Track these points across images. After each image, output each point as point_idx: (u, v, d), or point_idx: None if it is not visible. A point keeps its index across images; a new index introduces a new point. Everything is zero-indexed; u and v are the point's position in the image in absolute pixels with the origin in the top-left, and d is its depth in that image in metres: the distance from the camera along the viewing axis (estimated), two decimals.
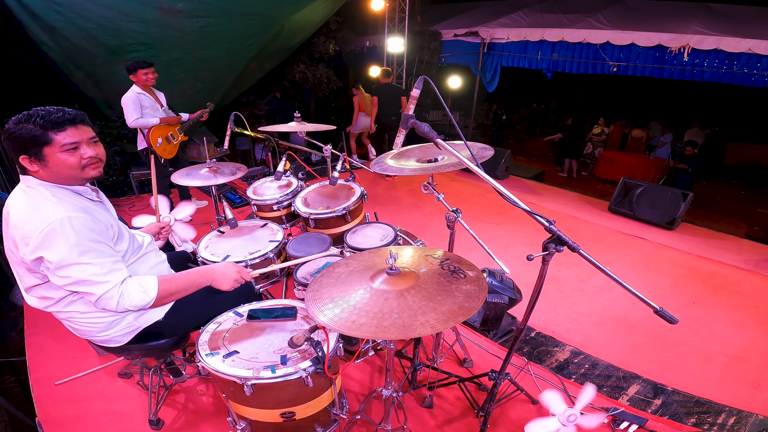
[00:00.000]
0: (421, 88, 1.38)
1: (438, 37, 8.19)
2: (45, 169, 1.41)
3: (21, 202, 1.41)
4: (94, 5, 4.36)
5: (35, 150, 1.37)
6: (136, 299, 1.45)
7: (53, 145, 1.38)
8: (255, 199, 2.96)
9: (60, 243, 1.34)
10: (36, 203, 1.38)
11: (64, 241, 1.34)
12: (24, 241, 1.35)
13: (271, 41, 6.18)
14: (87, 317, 1.55)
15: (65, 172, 1.43)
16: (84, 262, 1.37)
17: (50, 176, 1.43)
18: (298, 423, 1.54)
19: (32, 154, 1.38)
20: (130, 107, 4.08)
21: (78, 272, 1.37)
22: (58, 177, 1.44)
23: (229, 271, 1.63)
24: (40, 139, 1.36)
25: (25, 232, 1.34)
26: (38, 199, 1.39)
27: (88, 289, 1.40)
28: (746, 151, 9.21)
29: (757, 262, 4.24)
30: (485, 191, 5.80)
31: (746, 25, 5.34)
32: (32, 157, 1.38)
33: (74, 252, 1.35)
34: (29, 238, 1.34)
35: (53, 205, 1.37)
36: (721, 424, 2.31)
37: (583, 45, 6.39)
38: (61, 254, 1.34)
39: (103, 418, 2.11)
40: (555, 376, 2.45)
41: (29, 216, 1.36)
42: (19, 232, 1.36)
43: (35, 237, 1.33)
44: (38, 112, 1.37)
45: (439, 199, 1.88)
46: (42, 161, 1.39)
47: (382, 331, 1.19)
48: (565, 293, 3.59)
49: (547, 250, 1.27)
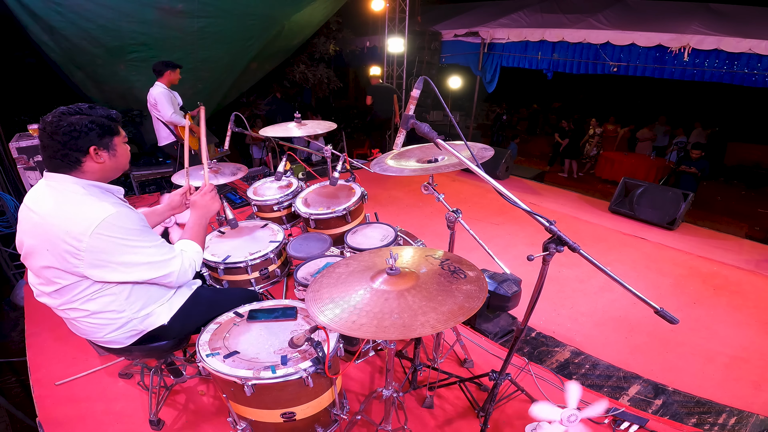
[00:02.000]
0: (422, 88, 1.38)
1: (438, 38, 8.20)
2: (112, 159, 1.46)
3: (55, 199, 1.38)
4: (94, 6, 4.37)
5: (107, 140, 1.42)
6: (198, 259, 1.65)
7: (120, 136, 1.47)
8: (255, 200, 2.96)
9: (120, 236, 1.38)
10: (76, 202, 1.38)
11: (123, 233, 1.39)
12: (76, 239, 1.33)
13: (272, 42, 6.19)
14: (95, 318, 1.53)
15: (124, 161, 1.52)
16: (149, 245, 1.46)
17: (110, 167, 1.47)
18: (298, 423, 1.54)
19: (103, 144, 1.41)
20: (165, 103, 4.17)
21: (148, 257, 1.45)
22: (116, 168, 1.50)
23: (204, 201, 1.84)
24: (114, 130, 1.44)
25: (79, 231, 1.33)
26: (75, 197, 1.39)
27: (165, 270, 1.50)
28: (747, 152, 9.21)
29: (757, 262, 4.23)
30: (485, 191, 5.80)
31: (747, 25, 5.33)
32: (101, 148, 1.41)
33: (139, 240, 1.43)
34: (83, 235, 1.33)
35: (96, 203, 1.39)
36: (722, 424, 2.31)
37: (584, 45, 6.38)
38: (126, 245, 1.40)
39: (103, 418, 2.11)
40: (555, 377, 2.45)
41: (75, 215, 1.35)
42: (65, 231, 1.33)
43: (90, 234, 1.33)
44: (97, 107, 1.43)
45: (439, 200, 1.88)
46: (110, 151, 1.44)
47: (382, 332, 1.19)
48: (565, 293, 3.58)
49: (548, 250, 1.27)
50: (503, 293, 2.88)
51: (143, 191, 5.63)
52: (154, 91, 4.17)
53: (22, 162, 4.34)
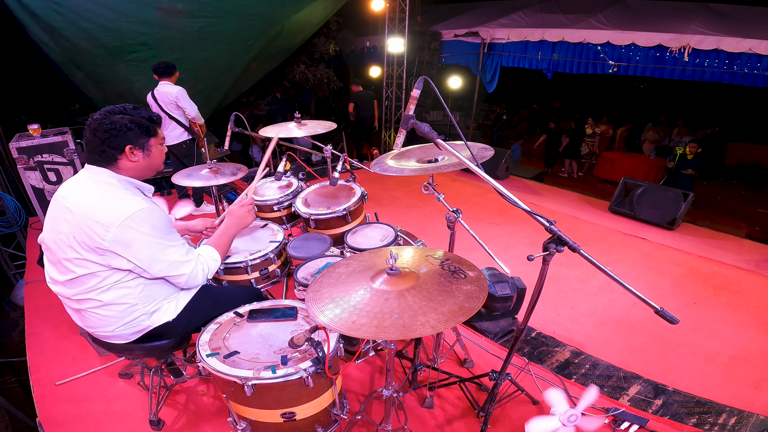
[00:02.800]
0: (422, 88, 1.37)
1: (438, 38, 8.19)
2: (146, 158, 1.52)
3: (90, 189, 1.46)
4: (94, 6, 4.37)
5: (144, 140, 1.49)
6: (212, 267, 1.68)
7: (157, 138, 1.54)
8: (255, 200, 2.96)
9: (149, 229, 1.44)
10: (112, 193, 1.45)
11: (151, 227, 1.44)
12: (105, 228, 1.39)
13: (272, 42, 6.18)
14: (107, 309, 1.54)
15: (157, 162, 1.58)
16: (171, 245, 1.52)
17: (144, 167, 1.54)
18: (298, 423, 1.54)
19: (139, 144, 1.48)
20: (189, 99, 4.22)
21: (168, 255, 1.51)
22: (150, 167, 1.56)
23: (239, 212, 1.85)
24: (151, 131, 1.51)
25: (109, 221, 1.39)
26: (111, 188, 1.46)
27: (179, 270, 1.54)
28: (747, 151, 9.21)
29: (757, 262, 4.23)
30: (485, 191, 5.80)
31: (746, 25, 5.33)
32: (137, 147, 1.48)
33: (163, 238, 1.48)
34: (112, 225, 1.39)
35: (131, 197, 1.46)
36: (722, 424, 2.31)
37: (584, 45, 6.38)
38: (151, 240, 1.45)
39: (103, 418, 2.11)
40: (556, 377, 2.45)
41: (108, 205, 1.41)
42: (97, 220, 1.39)
43: (118, 225, 1.39)
44: (140, 108, 1.49)
45: (439, 200, 1.88)
46: (145, 151, 1.51)
47: (382, 332, 1.19)
48: (565, 293, 3.58)
49: (548, 250, 1.27)
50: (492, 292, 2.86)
51: None
52: (173, 89, 4.13)
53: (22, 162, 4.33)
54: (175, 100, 4.13)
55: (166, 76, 4.16)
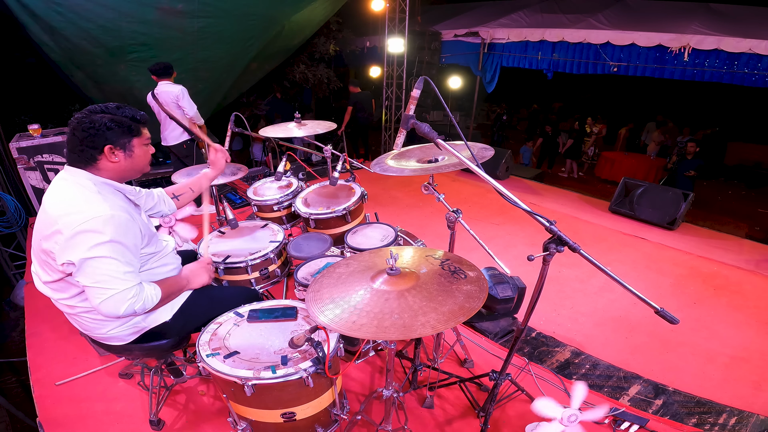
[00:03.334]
0: (422, 88, 1.38)
1: (438, 38, 8.19)
2: (127, 159, 1.47)
3: (63, 190, 1.40)
4: (94, 6, 4.36)
5: (125, 140, 1.44)
6: (149, 301, 1.49)
7: (141, 138, 1.48)
8: (255, 200, 2.96)
9: (96, 237, 1.34)
10: (82, 196, 1.39)
11: (100, 235, 1.34)
12: (59, 232, 1.33)
13: (272, 42, 6.18)
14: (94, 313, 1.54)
15: (142, 163, 1.52)
16: (112, 256, 1.37)
17: (125, 168, 1.48)
18: (298, 423, 1.54)
19: (119, 144, 1.43)
20: (190, 99, 4.20)
21: (102, 266, 1.35)
22: (132, 169, 1.50)
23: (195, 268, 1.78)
24: (134, 131, 1.45)
25: (64, 224, 1.33)
26: (83, 191, 1.40)
27: (105, 285, 1.36)
28: (747, 151, 9.21)
29: (757, 262, 4.23)
30: (486, 191, 5.80)
31: (746, 25, 5.33)
32: (118, 148, 1.43)
33: (106, 247, 1.35)
34: (68, 228, 1.32)
35: (100, 202, 1.38)
36: (722, 424, 2.31)
37: (584, 45, 6.38)
38: (90, 248, 1.33)
39: (103, 418, 2.11)
40: (556, 377, 2.45)
41: (72, 208, 1.35)
42: (57, 223, 1.34)
43: (73, 228, 1.32)
44: (123, 107, 1.43)
45: (439, 200, 1.88)
46: (127, 152, 1.46)
47: (382, 332, 1.19)
48: (565, 293, 3.58)
49: (548, 250, 1.27)
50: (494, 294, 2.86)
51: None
52: (174, 88, 4.13)
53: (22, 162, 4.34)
54: (177, 99, 4.13)
55: (166, 77, 4.17)
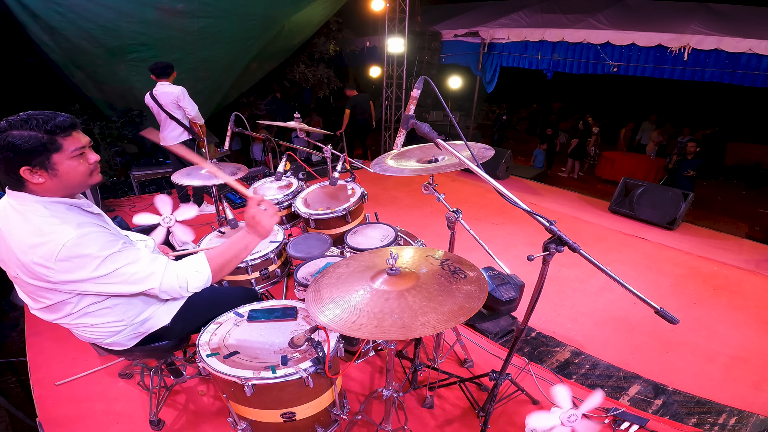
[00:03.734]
0: (422, 88, 1.37)
1: (438, 38, 8.19)
2: (53, 179, 1.27)
3: (18, 222, 1.27)
4: (94, 6, 4.37)
5: (41, 159, 1.22)
6: (195, 281, 1.43)
7: (63, 152, 1.25)
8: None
9: (86, 261, 1.26)
10: (38, 224, 1.25)
11: (88, 259, 1.26)
12: (42, 265, 1.25)
13: (272, 41, 6.19)
14: (95, 328, 1.52)
15: (76, 179, 1.31)
16: (118, 267, 1.31)
17: (57, 187, 1.29)
18: (298, 423, 1.54)
19: (37, 163, 1.22)
20: (190, 99, 4.19)
21: (121, 278, 1.33)
22: (65, 187, 1.31)
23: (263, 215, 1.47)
24: (49, 146, 1.22)
25: (41, 257, 1.24)
26: (37, 219, 1.26)
27: (144, 286, 1.36)
28: (747, 151, 9.21)
29: (757, 262, 4.23)
30: (486, 191, 5.80)
31: (746, 25, 5.33)
32: (37, 167, 1.23)
33: (105, 264, 1.29)
34: (49, 261, 1.24)
35: (58, 225, 1.26)
36: (722, 424, 2.31)
37: (584, 45, 6.38)
38: (92, 271, 1.27)
39: (103, 418, 2.11)
40: (556, 377, 2.45)
41: (37, 240, 1.24)
42: (29, 256, 1.25)
43: (54, 260, 1.23)
44: (36, 117, 1.22)
45: (439, 200, 1.88)
46: (50, 170, 1.25)
47: (382, 332, 1.18)
48: (565, 293, 3.58)
49: (548, 250, 1.27)
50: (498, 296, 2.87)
51: (143, 191, 5.64)
52: (174, 89, 4.12)
53: None
54: (177, 99, 4.13)
55: (164, 77, 4.16)
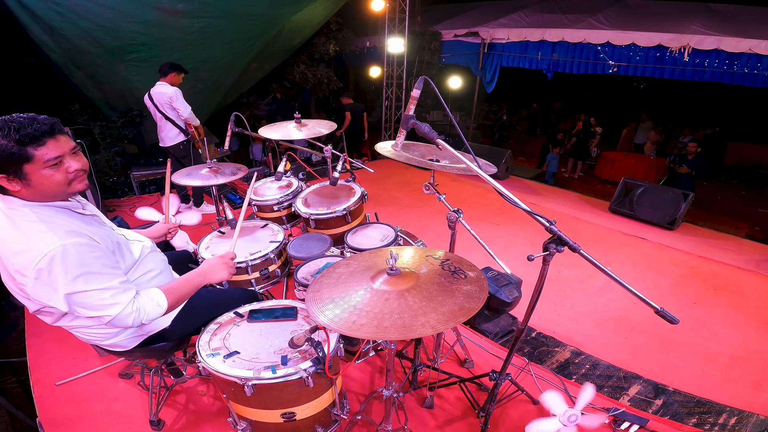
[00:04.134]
0: (422, 88, 1.38)
1: (438, 38, 8.20)
2: (28, 188, 1.26)
3: (4, 227, 1.27)
4: (94, 6, 4.37)
5: (14, 168, 1.21)
6: (151, 313, 1.44)
7: (34, 162, 1.22)
8: (255, 200, 2.96)
9: (60, 275, 1.24)
10: (24, 231, 1.25)
11: (63, 272, 1.24)
12: (20, 273, 1.26)
13: (272, 42, 6.19)
14: (92, 330, 1.54)
15: (51, 189, 1.29)
16: (89, 289, 1.30)
17: (33, 195, 1.29)
18: (298, 423, 1.54)
19: (11, 172, 1.21)
20: (183, 100, 4.19)
21: (86, 299, 1.31)
22: (42, 195, 1.30)
23: (215, 263, 1.67)
24: (19, 157, 1.19)
25: (20, 265, 1.24)
26: (25, 224, 1.25)
27: (101, 313, 1.35)
28: (747, 151, 9.21)
29: (757, 262, 4.23)
30: (486, 191, 5.80)
31: (746, 25, 5.33)
32: (11, 176, 1.22)
33: (78, 282, 1.28)
34: (26, 269, 1.23)
35: (44, 233, 1.25)
36: (722, 424, 2.31)
37: (584, 45, 6.38)
38: (64, 286, 1.26)
39: (103, 418, 2.11)
40: (556, 377, 2.45)
41: (20, 246, 1.24)
42: (12, 263, 1.26)
43: (32, 269, 1.23)
44: (9, 125, 1.18)
45: (440, 200, 1.88)
46: (24, 180, 1.23)
47: (382, 332, 1.18)
48: (565, 293, 3.58)
49: (548, 250, 1.27)
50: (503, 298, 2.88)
51: (143, 191, 5.64)
52: (168, 89, 4.13)
53: None
54: (170, 100, 4.14)
55: (162, 76, 4.19)
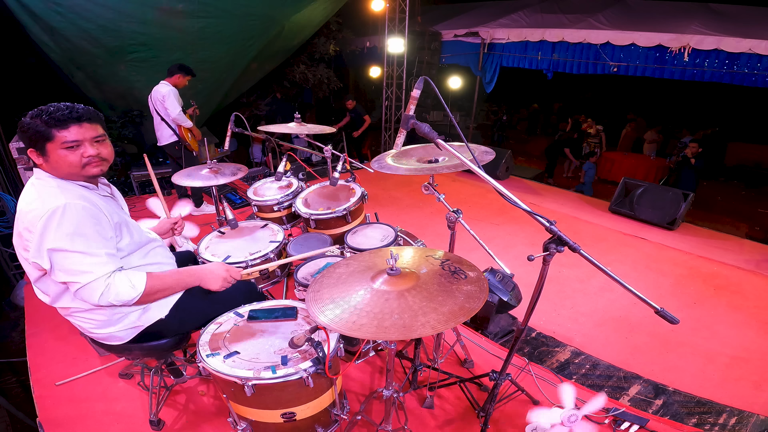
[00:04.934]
0: (422, 88, 1.37)
1: (438, 38, 8.19)
2: (47, 163, 1.46)
3: (29, 192, 1.46)
4: (94, 6, 4.37)
5: (40, 144, 1.43)
6: (123, 293, 1.46)
7: (54, 142, 1.42)
8: (256, 200, 2.96)
9: (53, 228, 1.36)
10: (41, 193, 1.42)
11: (56, 226, 1.36)
12: (27, 230, 1.39)
13: (272, 42, 6.19)
14: (88, 314, 1.56)
15: (65, 168, 1.46)
16: (72, 250, 1.38)
17: (52, 170, 1.48)
18: (298, 423, 1.54)
19: (38, 148, 1.44)
20: (174, 100, 4.18)
21: (65, 260, 1.39)
22: (59, 172, 1.48)
23: (218, 271, 1.70)
24: (43, 135, 1.41)
25: (29, 221, 1.39)
26: (44, 189, 1.44)
27: (72, 278, 1.41)
28: (747, 151, 9.19)
29: (757, 262, 4.23)
30: (486, 192, 5.80)
31: (746, 25, 5.33)
32: (38, 151, 1.45)
33: (65, 239, 1.37)
34: (33, 225, 1.37)
35: (56, 194, 1.41)
36: (722, 424, 2.31)
37: (584, 45, 6.38)
38: (51, 240, 1.36)
39: (103, 418, 2.11)
40: (556, 377, 2.45)
41: (34, 205, 1.40)
42: (22, 221, 1.41)
43: (37, 224, 1.36)
44: (48, 109, 1.42)
45: (439, 200, 1.88)
46: (44, 155, 1.45)
47: (382, 332, 1.18)
48: (565, 293, 3.58)
49: (548, 250, 1.27)
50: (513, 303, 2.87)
51: (143, 191, 5.64)
52: (163, 88, 4.16)
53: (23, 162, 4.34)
54: (163, 99, 4.15)
55: (168, 76, 4.23)
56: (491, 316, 2.89)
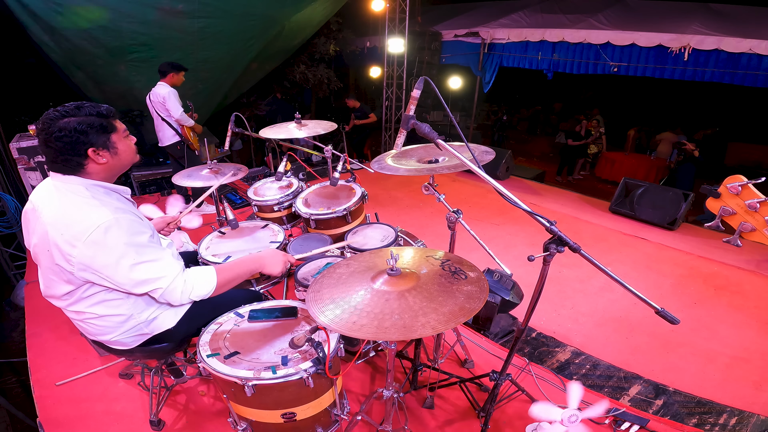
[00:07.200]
0: (422, 88, 1.37)
1: (438, 38, 8.20)
2: (115, 157, 1.42)
3: (57, 201, 1.37)
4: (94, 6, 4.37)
5: (104, 139, 1.37)
6: (200, 288, 1.51)
7: (118, 132, 1.42)
8: (256, 200, 2.96)
9: (113, 246, 1.33)
10: (78, 204, 1.35)
11: (116, 243, 1.33)
12: (70, 244, 1.33)
13: (272, 42, 6.19)
14: (102, 320, 1.54)
15: (129, 157, 1.47)
16: (142, 260, 1.38)
17: (113, 166, 1.44)
18: (298, 424, 1.54)
19: (101, 144, 1.37)
20: (175, 101, 4.20)
21: (138, 273, 1.39)
22: (120, 166, 1.46)
23: (277, 255, 1.74)
24: (108, 127, 1.38)
25: (71, 236, 1.32)
26: (78, 199, 1.36)
27: (153, 286, 1.42)
28: (747, 152, 9.18)
29: (758, 262, 4.23)
30: (486, 192, 5.80)
31: (747, 25, 5.33)
32: (100, 148, 1.37)
33: (131, 253, 1.36)
34: (77, 240, 1.31)
35: (97, 207, 1.35)
36: (723, 424, 2.31)
37: (584, 45, 6.38)
38: (116, 256, 1.34)
39: (104, 418, 2.11)
40: (556, 377, 2.45)
41: (73, 218, 1.33)
42: (61, 233, 1.33)
43: (84, 240, 1.31)
44: (86, 104, 1.36)
45: (440, 200, 1.88)
46: (111, 149, 1.40)
47: (383, 332, 1.18)
48: (566, 294, 3.58)
49: (548, 250, 1.27)
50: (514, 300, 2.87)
51: (143, 191, 5.64)
52: (162, 90, 4.17)
53: (23, 162, 4.34)
54: (163, 101, 4.16)
55: (162, 76, 4.22)
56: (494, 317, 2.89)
